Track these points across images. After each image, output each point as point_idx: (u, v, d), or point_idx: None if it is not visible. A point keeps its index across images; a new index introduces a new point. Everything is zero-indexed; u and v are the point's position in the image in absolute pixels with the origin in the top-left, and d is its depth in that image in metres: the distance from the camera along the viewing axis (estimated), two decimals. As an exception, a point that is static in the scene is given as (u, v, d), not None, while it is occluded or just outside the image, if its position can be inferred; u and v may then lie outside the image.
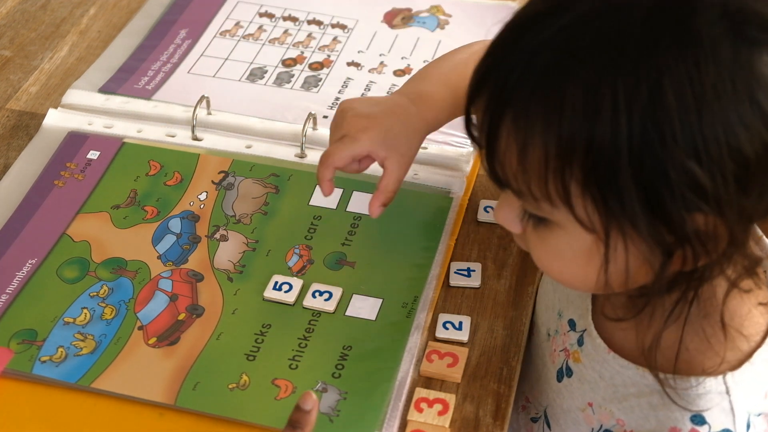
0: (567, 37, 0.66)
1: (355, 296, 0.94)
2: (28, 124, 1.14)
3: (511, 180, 0.71)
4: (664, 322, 0.74)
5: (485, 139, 0.71)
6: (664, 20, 0.65)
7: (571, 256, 0.73)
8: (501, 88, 0.69)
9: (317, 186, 1.03)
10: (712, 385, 0.77)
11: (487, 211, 1.02)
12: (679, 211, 0.66)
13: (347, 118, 0.92)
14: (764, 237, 0.82)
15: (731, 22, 0.65)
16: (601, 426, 0.85)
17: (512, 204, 0.75)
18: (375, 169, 1.06)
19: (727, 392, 0.77)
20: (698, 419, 0.78)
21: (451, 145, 1.09)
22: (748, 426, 0.78)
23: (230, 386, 0.86)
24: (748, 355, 0.78)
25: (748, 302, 0.78)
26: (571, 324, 0.87)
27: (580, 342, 0.86)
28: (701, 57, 0.64)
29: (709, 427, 0.78)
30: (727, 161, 0.65)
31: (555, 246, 0.73)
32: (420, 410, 0.85)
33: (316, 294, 0.93)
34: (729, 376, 0.77)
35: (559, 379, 0.89)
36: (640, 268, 0.71)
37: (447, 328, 0.91)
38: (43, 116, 1.13)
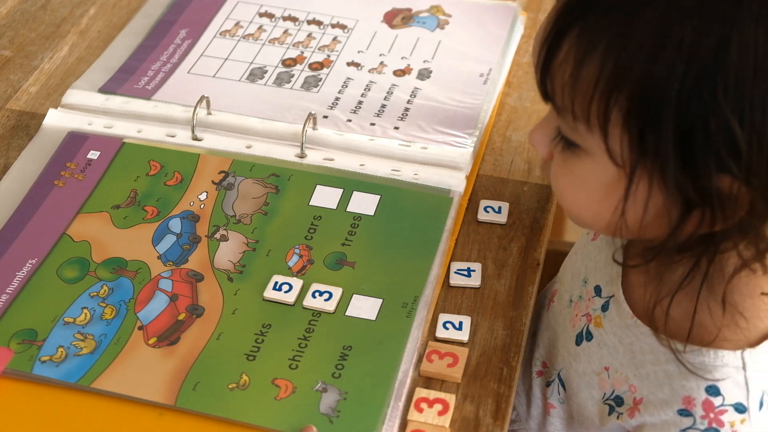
0: None
1: (355, 296, 0.94)
2: (28, 124, 1.14)
3: (558, 93, 0.72)
4: (676, 288, 0.75)
5: (546, 47, 0.72)
6: None
7: (591, 187, 0.74)
8: (577, 1, 0.70)
9: (316, 186, 1.04)
10: (730, 359, 0.78)
11: (487, 211, 1.02)
12: (708, 167, 0.67)
13: None
14: None
15: None
16: (614, 391, 0.86)
17: (548, 126, 0.77)
18: (375, 169, 1.06)
19: (744, 367, 0.78)
20: (713, 390, 0.79)
21: (451, 145, 1.09)
22: (761, 404, 0.79)
23: (230, 386, 0.86)
24: (764, 336, 0.79)
25: (755, 286, 0.78)
26: (597, 290, 0.88)
27: (605, 308, 0.87)
28: None
29: (723, 399, 0.79)
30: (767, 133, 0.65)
31: (578, 173, 0.75)
32: (420, 410, 0.85)
33: (316, 294, 0.93)
34: (747, 352, 0.78)
35: (578, 342, 0.90)
36: (655, 217, 0.72)
37: (447, 328, 0.91)
38: (43, 116, 1.13)
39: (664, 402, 0.81)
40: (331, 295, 0.93)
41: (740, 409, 0.79)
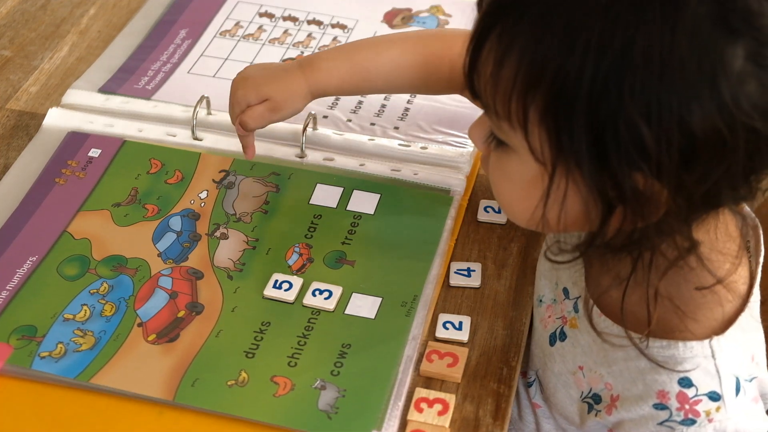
0: None
1: (354, 295, 0.94)
2: (28, 124, 1.14)
3: (482, 92, 0.74)
4: (624, 282, 0.77)
5: (472, 45, 0.74)
6: None
7: (518, 183, 0.76)
8: (498, 4, 0.72)
9: (316, 184, 1.04)
10: (698, 349, 0.79)
11: (487, 211, 1.02)
12: (621, 165, 0.68)
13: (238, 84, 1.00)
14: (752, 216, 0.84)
15: (718, 5, 0.66)
16: (591, 389, 0.87)
17: (484, 124, 0.78)
18: (375, 169, 1.06)
19: (713, 356, 0.79)
20: (685, 382, 0.79)
21: (451, 145, 1.09)
22: (738, 390, 0.80)
23: (229, 383, 0.86)
24: (729, 322, 0.80)
25: (687, 281, 0.79)
26: (566, 292, 0.89)
27: (576, 309, 0.87)
28: (679, 28, 0.65)
29: (697, 389, 0.79)
30: (675, 132, 0.66)
31: (507, 170, 0.77)
32: (420, 410, 0.85)
33: (316, 292, 0.93)
34: (715, 340, 0.79)
35: (552, 343, 0.90)
36: (578, 213, 0.73)
37: (447, 328, 0.91)
38: (43, 116, 1.13)
39: (639, 397, 0.82)
40: (330, 293, 0.93)
41: (714, 397, 0.79)
